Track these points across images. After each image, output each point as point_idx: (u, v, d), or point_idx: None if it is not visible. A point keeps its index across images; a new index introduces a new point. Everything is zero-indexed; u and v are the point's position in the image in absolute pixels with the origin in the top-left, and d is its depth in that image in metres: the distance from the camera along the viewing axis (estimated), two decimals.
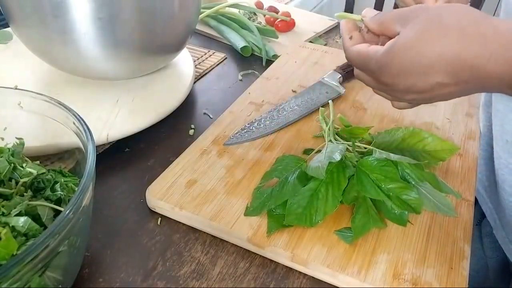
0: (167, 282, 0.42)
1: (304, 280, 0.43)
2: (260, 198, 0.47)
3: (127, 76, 0.65)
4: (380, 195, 0.44)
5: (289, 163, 0.49)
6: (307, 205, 0.45)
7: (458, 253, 0.44)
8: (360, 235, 0.44)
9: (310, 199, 0.45)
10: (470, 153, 0.57)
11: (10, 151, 0.41)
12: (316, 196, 0.45)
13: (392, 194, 0.44)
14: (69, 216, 0.31)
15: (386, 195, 0.44)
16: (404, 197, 0.44)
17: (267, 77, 0.72)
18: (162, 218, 0.48)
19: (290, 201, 0.45)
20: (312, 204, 0.45)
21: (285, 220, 0.44)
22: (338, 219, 0.46)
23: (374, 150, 0.48)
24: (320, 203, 0.44)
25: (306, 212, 0.44)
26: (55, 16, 0.51)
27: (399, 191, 0.44)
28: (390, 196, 0.44)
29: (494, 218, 0.65)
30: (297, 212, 0.44)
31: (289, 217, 0.44)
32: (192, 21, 0.65)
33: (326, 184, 0.45)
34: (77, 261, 0.40)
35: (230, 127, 0.59)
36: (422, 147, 0.51)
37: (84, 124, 0.40)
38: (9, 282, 0.28)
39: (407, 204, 0.43)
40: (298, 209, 0.44)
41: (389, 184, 0.45)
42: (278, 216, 0.45)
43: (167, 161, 0.55)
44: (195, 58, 0.80)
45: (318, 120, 0.58)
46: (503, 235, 0.63)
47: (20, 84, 0.47)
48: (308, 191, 0.45)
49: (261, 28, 0.88)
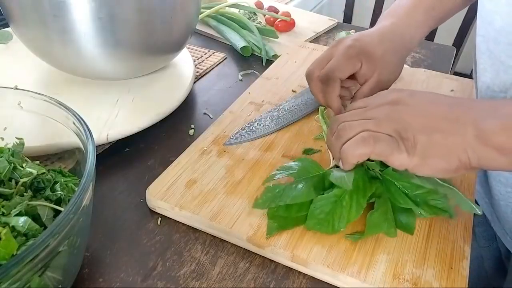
0: (167, 282, 0.42)
1: (304, 280, 0.43)
2: (271, 192, 0.46)
3: (127, 76, 0.65)
4: (409, 203, 0.44)
5: (308, 167, 0.48)
6: (330, 211, 0.44)
7: (458, 253, 0.44)
8: (372, 232, 0.44)
9: (334, 206, 0.44)
10: None
11: (10, 151, 0.41)
12: (340, 203, 0.44)
13: (419, 200, 0.44)
14: (69, 216, 0.31)
15: (414, 202, 0.44)
16: (432, 202, 0.44)
17: (267, 77, 0.72)
18: (162, 218, 0.48)
19: (313, 205, 0.44)
20: (336, 210, 0.44)
21: (306, 224, 0.44)
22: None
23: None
24: (344, 210, 0.44)
25: (329, 218, 0.43)
26: (55, 16, 0.51)
27: (426, 196, 0.44)
28: (417, 203, 0.44)
29: (490, 212, 0.66)
30: (320, 218, 0.44)
31: (310, 221, 0.44)
32: (192, 21, 0.65)
33: (351, 192, 0.44)
34: (77, 261, 0.40)
35: (230, 127, 0.59)
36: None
37: (84, 124, 0.40)
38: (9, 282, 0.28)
39: (436, 208, 0.44)
40: (321, 215, 0.44)
41: (415, 190, 0.45)
42: (279, 217, 0.45)
43: (167, 161, 0.55)
44: (195, 58, 0.80)
45: (318, 120, 0.58)
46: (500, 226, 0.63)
47: (20, 84, 0.47)
48: (333, 197, 0.44)
49: (261, 28, 0.88)
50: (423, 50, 0.89)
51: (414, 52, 0.88)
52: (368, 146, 0.41)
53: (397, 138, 0.40)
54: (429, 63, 0.84)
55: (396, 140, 0.40)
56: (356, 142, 0.41)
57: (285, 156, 0.54)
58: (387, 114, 0.42)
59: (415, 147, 0.39)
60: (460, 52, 1.46)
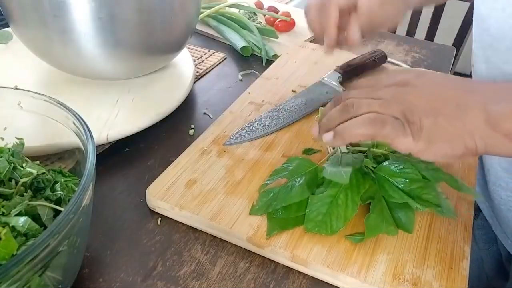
0: (167, 282, 0.42)
1: (304, 280, 0.43)
2: (266, 197, 0.46)
3: (127, 76, 0.65)
4: (404, 197, 0.44)
5: (300, 165, 0.48)
6: (326, 212, 0.44)
7: (458, 253, 0.44)
8: (372, 234, 0.44)
9: (330, 206, 0.44)
10: None
11: (10, 151, 0.41)
12: (335, 203, 0.44)
13: (413, 195, 0.45)
14: (69, 216, 0.31)
15: (410, 197, 0.44)
16: (425, 196, 0.44)
17: (267, 77, 0.72)
18: (162, 218, 0.48)
19: (309, 208, 0.44)
20: (332, 211, 0.44)
21: (305, 226, 0.44)
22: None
23: (390, 155, 0.48)
24: (340, 210, 0.44)
25: (326, 219, 0.44)
26: (55, 16, 0.51)
27: (420, 191, 0.44)
28: (413, 197, 0.44)
29: (491, 216, 0.65)
30: (317, 220, 0.44)
31: (308, 224, 0.44)
32: (192, 21, 0.65)
33: (345, 190, 0.45)
34: (77, 261, 0.40)
35: (230, 127, 0.59)
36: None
37: (84, 124, 0.40)
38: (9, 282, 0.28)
39: (429, 202, 0.44)
40: (318, 217, 0.44)
41: (410, 186, 0.45)
42: (278, 218, 0.45)
43: (167, 161, 0.55)
44: (195, 58, 0.80)
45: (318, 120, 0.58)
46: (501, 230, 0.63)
47: (20, 84, 0.47)
48: (328, 197, 0.45)
49: (261, 28, 0.88)
50: (423, 50, 0.89)
51: (414, 52, 0.88)
52: (374, 128, 0.39)
53: (404, 121, 0.39)
54: (429, 63, 0.84)
55: (402, 123, 0.39)
56: (363, 121, 0.40)
57: (285, 156, 0.54)
58: (394, 96, 0.40)
59: (421, 131, 0.38)
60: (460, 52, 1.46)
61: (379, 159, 0.49)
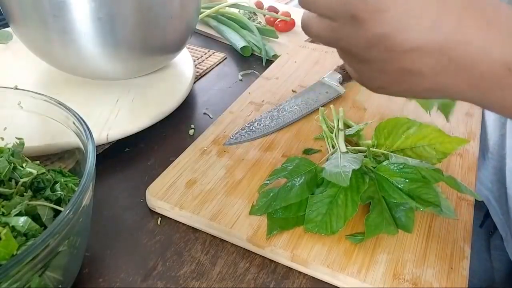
0: (167, 282, 0.42)
1: (304, 280, 0.43)
2: (266, 197, 0.46)
3: (127, 76, 0.65)
4: (404, 197, 0.44)
5: (300, 165, 0.48)
6: (326, 212, 0.44)
7: (458, 253, 0.44)
8: (372, 234, 0.43)
9: (329, 206, 0.44)
10: (470, 153, 0.57)
11: (10, 151, 0.41)
12: (335, 203, 0.44)
13: (413, 195, 0.45)
14: (69, 216, 0.31)
15: (410, 197, 0.44)
16: (424, 196, 0.44)
17: (267, 77, 0.72)
18: (162, 218, 0.48)
19: (308, 208, 0.45)
20: (332, 211, 0.44)
21: (305, 227, 0.44)
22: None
23: (390, 155, 0.48)
24: (340, 209, 0.44)
25: (326, 219, 0.44)
26: (55, 16, 0.51)
27: (420, 191, 0.44)
28: (412, 197, 0.44)
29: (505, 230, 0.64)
30: (317, 220, 0.44)
31: (308, 225, 0.44)
32: (192, 21, 0.65)
33: (345, 190, 0.45)
34: (77, 261, 0.40)
35: (230, 127, 0.59)
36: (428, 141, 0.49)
37: (84, 124, 0.40)
38: (9, 282, 0.28)
39: (429, 202, 0.44)
40: (318, 217, 0.44)
41: (410, 186, 0.45)
42: (278, 218, 0.45)
43: (167, 161, 0.55)
44: (195, 58, 0.80)
45: (318, 120, 0.58)
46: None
47: (20, 84, 0.47)
48: (327, 197, 0.45)
49: (261, 28, 0.88)
50: None
51: None
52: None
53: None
54: None
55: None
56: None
57: (285, 156, 0.54)
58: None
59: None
60: None
61: (379, 159, 0.49)
